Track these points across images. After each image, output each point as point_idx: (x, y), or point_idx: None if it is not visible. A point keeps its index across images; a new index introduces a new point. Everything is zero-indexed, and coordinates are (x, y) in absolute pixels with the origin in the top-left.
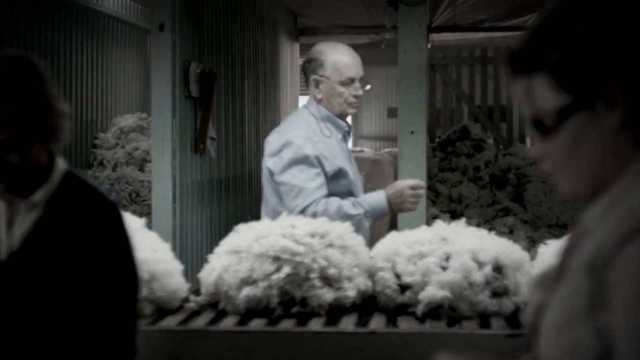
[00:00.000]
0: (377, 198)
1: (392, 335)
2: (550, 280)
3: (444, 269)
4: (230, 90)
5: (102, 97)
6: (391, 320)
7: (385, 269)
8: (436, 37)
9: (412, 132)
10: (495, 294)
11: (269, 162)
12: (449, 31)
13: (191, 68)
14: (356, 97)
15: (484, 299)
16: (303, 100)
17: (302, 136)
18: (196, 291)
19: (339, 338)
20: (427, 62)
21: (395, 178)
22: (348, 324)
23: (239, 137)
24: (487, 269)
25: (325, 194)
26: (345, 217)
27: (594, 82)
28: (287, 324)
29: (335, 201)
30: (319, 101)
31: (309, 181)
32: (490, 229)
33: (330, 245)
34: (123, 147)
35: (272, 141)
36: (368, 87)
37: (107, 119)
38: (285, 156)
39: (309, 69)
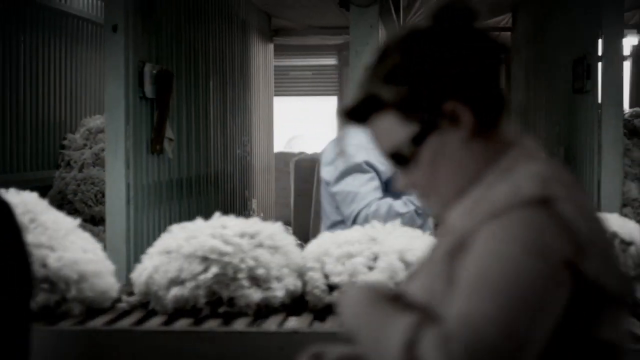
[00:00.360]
0: None
1: (313, 334)
2: (416, 272)
3: (372, 269)
4: (192, 91)
5: (71, 98)
6: (320, 320)
7: (315, 269)
8: None
9: None
10: None
11: (324, 171)
12: None
13: (146, 69)
14: None
15: None
16: (278, 100)
17: (355, 145)
18: (132, 291)
19: (262, 338)
20: None
21: None
22: (272, 324)
23: (204, 138)
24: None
25: (379, 197)
26: (396, 215)
27: (433, 105)
28: (212, 324)
29: (386, 202)
30: None
31: (362, 186)
32: None
33: (260, 246)
34: (91, 147)
35: (327, 150)
36: None
37: (76, 120)
38: (339, 165)
39: None
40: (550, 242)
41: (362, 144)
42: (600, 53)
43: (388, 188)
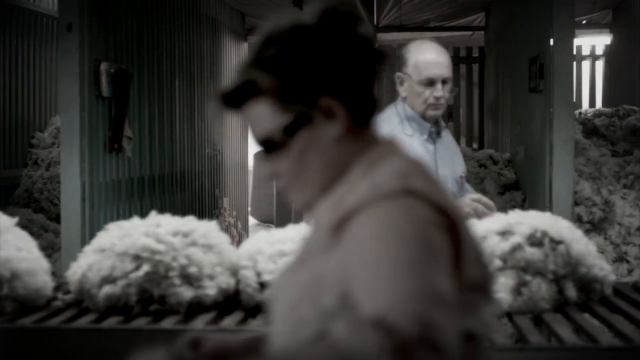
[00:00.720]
0: None
1: (239, 333)
2: (288, 268)
3: None
4: (155, 90)
5: (40, 96)
6: (252, 318)
7: (247, 267)
8: (383, 36)
9: None
10: None
11: None
12: (396, 31)
13: (102, 68)
14: (437, 98)
15: None
16: None
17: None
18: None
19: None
20: None
21: None
22: (201, 321)
23: (168, 137)
24: None
25: None
26: None
27: (308, 99)
28: (140, 322)
29: None
30: (404, 99)
31: None
32: None
33: (193, 244)
34: (59, 146)
35: None
36: (451, 89)
37: (45, 119)
38: None
39: (396, 66)
40: (423, 214)
41: (396, 133)
42: (552, 52)
43: None
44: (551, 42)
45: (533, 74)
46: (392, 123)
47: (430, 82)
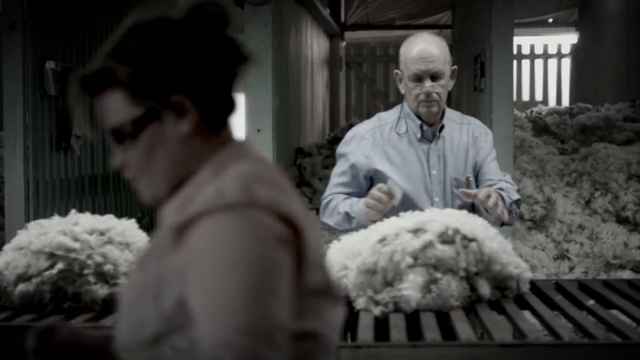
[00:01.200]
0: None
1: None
2: (135, 265)
3: None
4: None
5: None
6: None
7: None
8: (351, 35)
9: (259, 130)
10: None
11: None
12: (363, 29)
13: (47, 67)
14: (427, 94)
15: None
16: None
17: (354, 132)
18: None
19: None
20: (342, 59)
21: None
22: (112, 319)
23: None
24: None
25: (344, 191)
26: (337, 214)
27: (161, 95)
28: (51, 319)
29: (338, 198)
30: (404, 97)
31: (335, 176)
32: None
33: (110, 242)
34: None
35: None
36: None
37: None
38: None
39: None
40: (264, 229)
41: (362, 131)
42: (491, 51)
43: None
44: (491, 40)
45: (476, 73)
46: (387, 119)
47: (417, 78)
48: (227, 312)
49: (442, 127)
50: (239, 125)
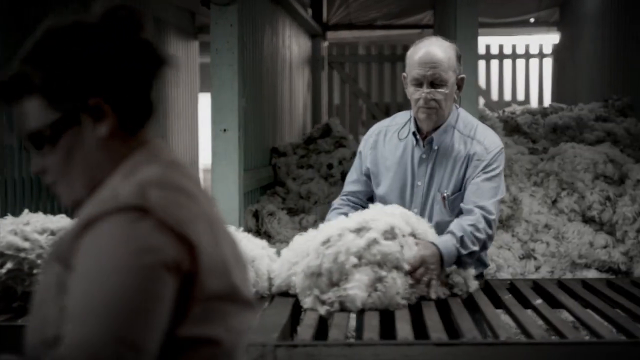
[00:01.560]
0: None
1: None
2: (43, 268)
3: None
4: None
5: None
6: None
7: None
8: (334, 35)
9: (225, 130)
10: None
11: None
12: (346, 29)
13: None
14: (426, 101)
15: None
16: (203, 97)
17: (369, 131)
18: None
19: None
20: (324, 59)
21: None
22: None
23: None
24: None
25: (352, 190)
26: (330, 218)
27: (77, 99)
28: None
29: (336, 210)
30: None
31: (349, 174)
32: None
33: None
34: None
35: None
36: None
37: None
38: None
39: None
40: (146, 245)
41: (375, 130)
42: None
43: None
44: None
45: None
46: (398, 121)
47: (418, 83)
48: (93, 329)
49: (432, 138)
50: (205, 124)
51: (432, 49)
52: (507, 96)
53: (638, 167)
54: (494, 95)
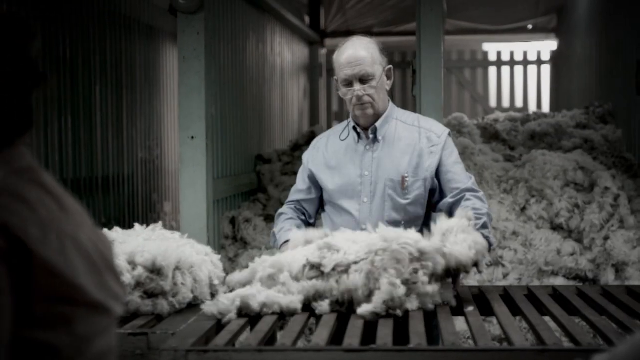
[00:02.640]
0: (285, 235)
1: None
2: None
3: None
4: (68, 96)
5: None
6: None
7: None
8: (332, 41)
9: (192, 137)
10: (151, 295)
11: None
12: (344, 36)
13: None
14: (359, 97)
15: (135, 299)
16: None
17: (311, 144)
18: None
19: None
20: (322, 66)
21: None
22: None
23: (85, 141)
24: (140, 271)
25: (296, 199)
26: (273, 231)
27: None
28: None
29: (283, 216)
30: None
31: (296, 184)
32: None
33: None
34: None
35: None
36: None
37: None
38: None
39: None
40: None
41: (321, 137)
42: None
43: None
44: (420, 49)
45: (413, 81)
46: (342, 126)
47: (348, 83)
48: None
49: (375, 128)
50: (173, 131)
51: (355, 48)
52: (506, 103)
53: (607, 174)
54: (492, 102)
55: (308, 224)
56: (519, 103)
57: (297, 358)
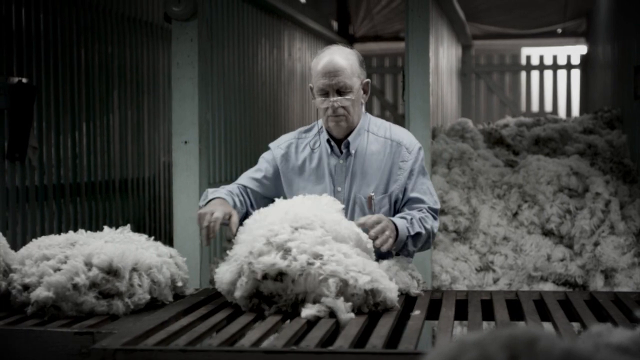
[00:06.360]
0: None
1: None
2: None
3: (58, 271)
4: (67, 102)
5: None
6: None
7: (17, 270)
8: (361, 46)
9: (186, 142)
10: (107, 296)
11: None
12: (372, 41)
13: None
14: (334, 109)
15: (89, 299)
16: None
17: (277, 142)
18: None
19: None
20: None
21: None
22: None
23: (102, 145)
24: (95, 272)
25: (245, 184)
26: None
27: None
28: None
29: (227, 187)
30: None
31: (251, 170)
32: None
33: None
34: None
35: None
36: (357, 97)
37: None
38: None
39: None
40: None
41: (281, 141)
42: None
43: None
44: (409, 54)
45: (403, 85)
46: (307, 134)
47: (324, 93)
48: None
49: (347, 143)
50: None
51: (334, 58)
52: (535, 107)
53: (600, 180)
54: (522, 106)
55: (245, 214)
56: (548, 107)
57: (220, 357)
